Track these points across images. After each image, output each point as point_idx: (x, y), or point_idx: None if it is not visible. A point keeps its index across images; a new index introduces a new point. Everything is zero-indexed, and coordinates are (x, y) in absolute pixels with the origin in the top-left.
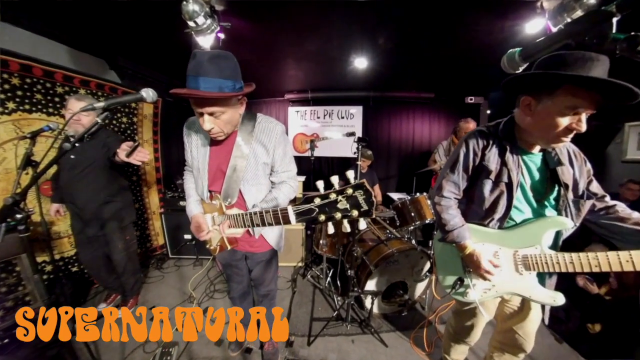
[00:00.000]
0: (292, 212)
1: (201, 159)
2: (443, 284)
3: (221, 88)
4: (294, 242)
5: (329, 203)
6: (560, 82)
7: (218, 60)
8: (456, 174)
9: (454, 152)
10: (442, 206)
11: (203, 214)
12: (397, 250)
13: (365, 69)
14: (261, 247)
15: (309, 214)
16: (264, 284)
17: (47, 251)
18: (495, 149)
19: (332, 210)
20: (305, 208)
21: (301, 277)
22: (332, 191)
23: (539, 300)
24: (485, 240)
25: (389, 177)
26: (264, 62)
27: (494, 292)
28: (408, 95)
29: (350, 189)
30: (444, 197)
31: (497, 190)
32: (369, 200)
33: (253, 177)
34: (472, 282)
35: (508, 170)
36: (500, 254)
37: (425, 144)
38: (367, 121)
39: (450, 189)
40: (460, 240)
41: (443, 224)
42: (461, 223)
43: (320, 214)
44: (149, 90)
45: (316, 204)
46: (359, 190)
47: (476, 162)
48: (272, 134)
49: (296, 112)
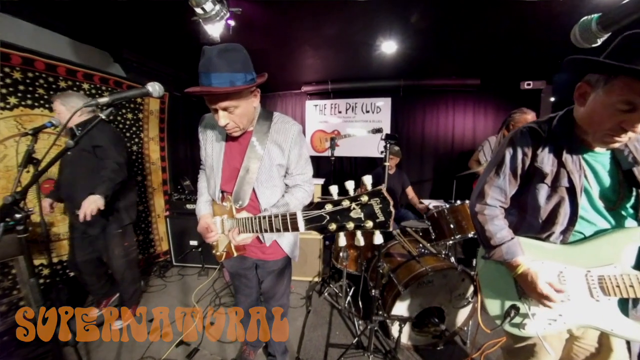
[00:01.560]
0: (302, 218)
1: (215, 156)
2: (491, 313)
3: (232, 82)
4: (310, 254)
5: (341, 211)
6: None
7: (226, 53)
8: (501, 178)
9: (497, 152)
10: (485, 216)
11: (212, 216)
12: (432, 268)
13: (395, 53)
14: (274, 254)
15: (319, 221)
16: (275, 297)
17: (45, 254)
18: (549, 148)
19: (344, 219)
20: (315, 214)
21: (317, 294)
22: (345, 198)
23: (623, 336)
24: (546, 258)
25: (423, 181)
26: (279, 50)
27: (561, 324)
28: (447, 82)
29: (366, 196)
30: (487, 205)
31: (556, 196)
32: (387, 210)
33: (267, 179)
34: (530, 310)
35: (568, 172)
36: (567, 275)
37: (468, 141)
38: (397, 115)
39: (495, 196)
40: (510, 257)
41: (487, 237)
42: (510, 236)
43: (331, 222)
44: (155, 84)
45: (327, 211)
46: (375, 198)
47: (526, 164)
48: (288, 134)
49: (314, 106)
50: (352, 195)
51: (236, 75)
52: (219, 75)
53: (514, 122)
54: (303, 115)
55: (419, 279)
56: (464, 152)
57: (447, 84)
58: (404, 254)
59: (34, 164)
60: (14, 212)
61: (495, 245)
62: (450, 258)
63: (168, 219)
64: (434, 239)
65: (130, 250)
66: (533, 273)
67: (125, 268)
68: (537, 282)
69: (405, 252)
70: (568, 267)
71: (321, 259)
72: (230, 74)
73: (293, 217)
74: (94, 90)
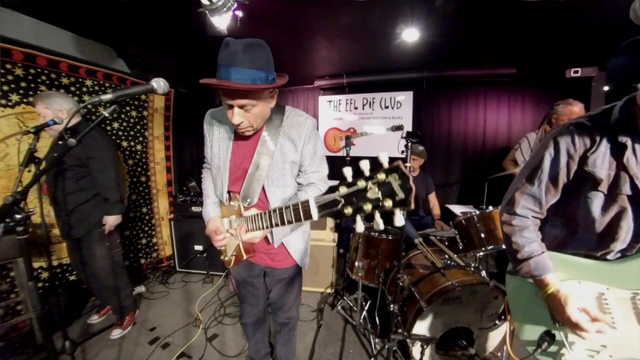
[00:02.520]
0: (314, 205)
1: (222, 155)
2: (522, 338)
3: (254, 80)
4: (322, 262)
5: (357, 192)
6: None
7: (252, 49)
8: (536, 185)
9: (534, 153)
10: (513, 227)
11: (221, 218)
12: (460, 283)
13: (417, 42)
14: (283, 261)
15: (333, 206)
16: (283, 308)
17: (45, 256)
18: (604, 148)
19: (360, 200)
20: (329, 199)
21: (330, 307)
22: (361, 178)
23: None
24: (584, 277)
25: (449, 184)
26: (289, 42)
27: (606, 357)
28: (478, 72)
29: (383, 174)
30: (516, 215)
31: (615, 207)
32: (406, 186)
33: (279, 176)
34: (568, 339)
35: (631, 177)
36: (610, 298)
37: (503, 139)
38: (419, 110)
39: (527, 205)
40: (539, 273)
41: (514, 249)
42: (540, 250)
43: (346, 205)
44: (160, 81)
45: (342, 194)
46: (392, 175)
47: (572, 169)
48: (301, 129)
49: (328, 102)
50: (367, 175)
51: (258, 73)
52: (241, 70)
53: (557, 115)
54: (316, 112)
55: (444, 294)
56: (497, 151)
57: (477, 74)
58: (427, 265)
59: (36, 163)
60: (14, 212)
61: (522, 259)
62: (480, 272)
63: (172, 222)
64: (461, 249)
65: (114, 252)
66: (563, 295)
67: (109, 273)
68: (566, 307)
69: (428, 264)
70: (611, 288)
71: (334, 268)
72: (252, 71)
73: (305, 205)
74: (97, 87)
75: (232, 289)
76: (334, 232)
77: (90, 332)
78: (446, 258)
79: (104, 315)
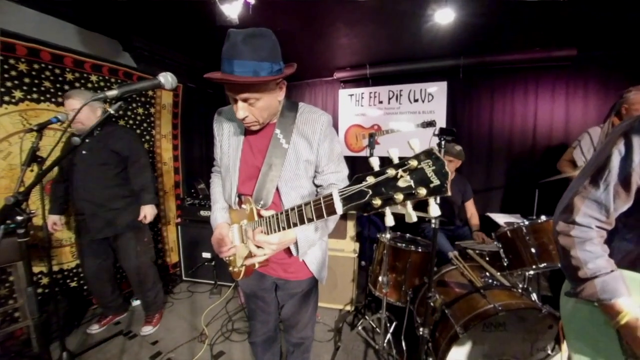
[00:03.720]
0: (338, 198)
1: (232, 154)
2: None
3: (256, 72)
4: (341, 276)
5: (386, 181)
6: None
7: (253, 39)
8: (602, 189)
9: (599, 151)
10: (572, 238)
11: (229, 224)
12: (504, 307)
13: (452, 24)
14: (298, 273)
15: (360, 198)
16: (297, 327)
17: (46, 260)
18: None
19: (390, 190)
20: (355, 190)
21: (349, 327)
22: (390, 166)
23: None
24: None
25: (491, 189)
26: (306, 30)
27: None
28: (527, 56)
29: (415, 160)
30: (576, 224)
31: None
32: (442, 171)
33: (293, 177)
34: None
35: None
36: None
37: (558, 135)
38: (455, 103)
39: (591, 213)
40: (609, 297)
41: (574, 266)
42: (609, 267)
43: (374, 196)
44: (167, 75)
45: (369, 184)
46: (426, 160)
47: None
48: (316, 125)
49: (349, 96)
50: (396, 162)
51: (261, 64)
52: (242, 63)
53: (627, 105)
54: (335, 107)
55: (485, 319)
56: (550, 149)
57: (526, 58)
58: (464, 284)
59: (38, 163)
60: (16, 213)
61: (585, 279)
62: (530, 295)
63: (179, 227)
64: (506, 266)
65: (149, 248)
66: None
67: (147, 267)
68: None
69: (465, 282)
70: None
71: (355, 282)
72: (254, 63)
73: (328, 199)
74: (103, 83)
75: (241, 302)
76: (355, 242)
77: (89, 344)
78: (487, 276)
79: (105, 325)
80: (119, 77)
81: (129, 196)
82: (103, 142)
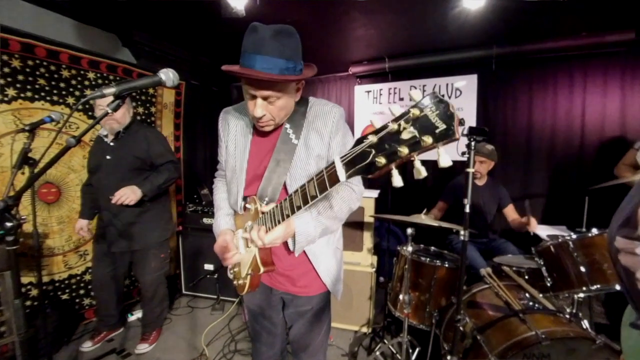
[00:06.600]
0: (340, 164)
1: (239, 154)
2: None
3: (281, 70)
4: (357, 293)
5: (388, 136)
6: None
7: (282, 37)
8: None
9: None
10: (636, 257)
11: (234, 231)
12: (548, 334)
13: (482, 9)
14: (308, 287)
15: (363, 159)
16: (307, 351)
17: (36, 270)
18: None
19: (393, 145)
20: (357, 151)
21: (365, 351)
22: (390, 121)
23: None
24: None
25: (530, 196)
26: (318, 21)
27: None
28: (574, 42)
29: (416, 109)
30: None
31: None
32: (446, 113)
33: (303, 174)
34: None
35: None
36: None
37: (612, 134)
38: (486, 99)
39: None
40: None
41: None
42: None
43: (378, 155)
44: (169, 72)
45: (370, 142)
46: (429, 106)
47: None
48: (327, 118)
49: (366, 92)
50: (397, 115)
51: (287, 62)
52: (267, 59)
53: None
54: (351, 105)
55: (525, 348)
56: (603, 150)
57: (573, 45)
58: (499, 306)
59: (30, 165)
60: (5, 219)
61: None
62: (581, 321)
63: (180, 236)
64: (550, 287)
65: (164, 263)
66: None
67: (159, 283)
68: None
69: (501, 304)
70: None
71: (372, 301)
72: (280, 60)
73: (330, 167)
74: (101, 80)
75: (245, 319)
76: (373, 255)
77: None
78: (527, 297)
79: (99, 342)
80: (118, 74)
81: (153, 210)
82: (128, 146)
